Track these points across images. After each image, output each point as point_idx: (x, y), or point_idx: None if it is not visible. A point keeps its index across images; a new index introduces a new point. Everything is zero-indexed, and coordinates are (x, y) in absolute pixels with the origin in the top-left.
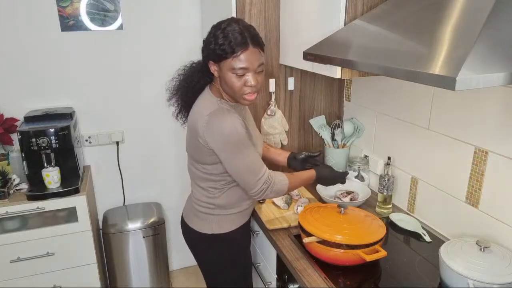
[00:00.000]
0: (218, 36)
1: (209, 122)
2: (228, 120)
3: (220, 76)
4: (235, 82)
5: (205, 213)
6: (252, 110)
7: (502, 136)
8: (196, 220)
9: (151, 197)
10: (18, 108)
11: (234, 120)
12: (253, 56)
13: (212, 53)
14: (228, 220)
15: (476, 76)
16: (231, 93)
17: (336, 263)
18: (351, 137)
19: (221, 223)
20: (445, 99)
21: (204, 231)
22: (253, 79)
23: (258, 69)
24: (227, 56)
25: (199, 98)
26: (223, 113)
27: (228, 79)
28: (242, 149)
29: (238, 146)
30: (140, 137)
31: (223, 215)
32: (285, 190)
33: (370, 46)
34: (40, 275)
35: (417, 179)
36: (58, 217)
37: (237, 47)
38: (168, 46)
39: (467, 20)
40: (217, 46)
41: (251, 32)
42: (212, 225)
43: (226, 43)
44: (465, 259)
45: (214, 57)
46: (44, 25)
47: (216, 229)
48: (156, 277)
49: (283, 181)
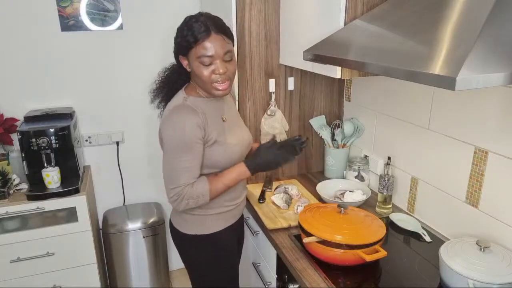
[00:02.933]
0: (183, 29)
1: (166, 116)
2: (182, 118)
3: (191, 69)
4: (203, 71)
5: (187, 213)
6: (252, 110)
7: (502, 136)
8: (180, 220)
9: (151, 197)
10: (18, 108)
11: (189, 120)
12: (217, 42)
13: (179, 46)
14: (210, 221)
15: (476, 76)
16: (202, 84)
17: (336, 263)
18: (351, 137)
19: (203, 224)
20: (445, 99)
21: (187, 232)
22: (221, 66)
23: (226, 57)
24: (191, 46)
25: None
26: (182, 110)
27: (196, 69)
28: (178, 152)
29: (176, 148)
30: (140, 137)
31: (205, 215)
32: (207, 199)
33: (370, 46)
34: (40, 275)
35: (417, 179)
36: (58, 217)
37: (199, 35)
38: (168, 46)
39: (467, 20)
40: (182, 38)
41: (215, 21)
42: (194, 226)
43: (189, 34)
44: (465, 259)
45: (181, 50)
46: (44, 25)
47: (198, 229)
48: (156, 277)
49: (201, 192)
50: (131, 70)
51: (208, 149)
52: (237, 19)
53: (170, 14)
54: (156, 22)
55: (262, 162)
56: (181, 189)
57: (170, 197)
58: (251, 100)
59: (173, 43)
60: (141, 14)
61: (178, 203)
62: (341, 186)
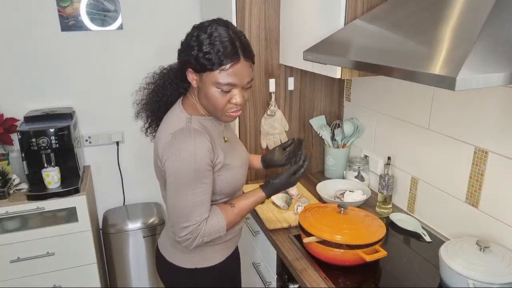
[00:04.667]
0: (202, 42)
1: (170, 143)
2: (190, 144)
3: (200, 88)
4: (218, 99)
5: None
6: (252, 110)
7: (502, 136)
8: (175, 252)
9: (151, 197)
10: (18, 108)
11: (199, 146)
12: (244, 70)
13: (194, 61)
14: (212, 252)
15: (476, 76)
16: (211, 110)
17: (336, 263)
18: (351, 137)
19: (204, 256)
20: (445, 99)
21: (184, 266)
22: (240, 96)
23: (247, 85)
24: (213, 68)
25: (169, 113)
26: (189, 135)
27: (210, 94)
28: (188, 185)
29: (186, 181)
30: (140, 137)
31: (208, 246)
32: (223, 232)
33: (370, 46)
34: (40, 275)
35: (417, 179)
36: (58, 217)
37: (226, 59)
38: (168, 46)
39: (467, 20)
40: (200, 54)
41: (242, 41)
42: (194, 258)
43: (213, 52)
44: (465, 259)
45: (195, 66)
46: (44, 25)
47: (198, 262)
48: (156, 277)
49: (218, 227)
50: (131, 70)
51: (216, 174)
52: (237, 19)
53: (170, 14)
54: (156, 22)
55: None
56: (195, 226)
57: (181, 235)
58: (251, 100)
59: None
60: (141, 14)
61: (191, 241)
62: (341, 186)
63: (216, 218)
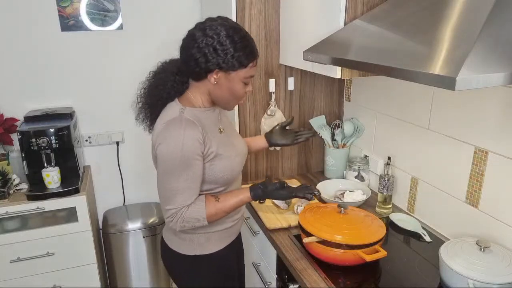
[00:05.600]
0: (236, 41)
1: (162, 130)
2: (180, 133)
3: (222, 84)
4: (241, 90)
5: (186, 233)
6: (252, 110)
7: (502, 136)
8: (177, 240)
9: (151, 197)
10: (18, 108)
11: (188, 133)
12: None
13: (228, 60)
14: (211, 239)
15: (476, 76)
16: (227, 100)
17: (336, 263)
18: (351, 137)
19: (203, 243)
20: (445, 99)
21: (186, 253)
22: (251, 84)
23: None
24: (249, 63)
25: (166, 107)
26: (180, 124)
27: (236, 88)
28: (174, 171)
29: (173, 166)
30: (140, 137)
31: (206, 234)
32: (204, 224)
33: (370, 46)
34: (40, 275)
35: (417, 179)
36: (58, 217)
37: (256, 54)
38: (168, 46)
39: (467, 20)
40: (237, 51)
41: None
42: (194, 246)
43: (248, 49)
44: (465, 259)
45: (229, 65)
46: (44, 25)
47: (198, 250)
48: (156, 277)
49: (198, 216)
50: (131, 70)
51: (209, 163)
52: (237, 19)
53: (170, 14)
54: (156, 22)
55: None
56: (176, 210)
57: (166, 217)
58: (251, 100)
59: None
60: (141, 14)
61: (174, 223)
62: (341, 186)
63: (198, 207)
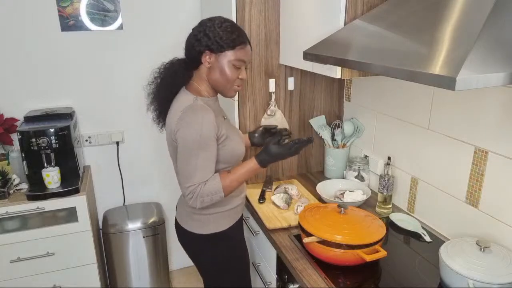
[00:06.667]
0: (226, 27)
1: (181, 117)
2: (198, 117)
3: (214, 67)
4: (231, 73)
5: (201, 214)
6: (252, 110)
7: (502, 136)
8: (192, 222)
9: (151, 197)
10: (18, 108)
11: (205, 118)
12: (248, 52)
13: (215, 42)
14: (223, 217)
15: (476, 76)
16: (223, 84)
17: (336, 263)
18: (351, 137)
19: (217, 222)
20: (445, 99)
21: (201, 232)
22: (245, 72)
23: (248, 65)
24: (235, 45)
25: (175, 100)
26: (196, 109)
27: (225, 69)
28: (194, 150)
29: (192, 146)
30: (140, 137)
31: (219, 213)
32: (222, 195)
33: (370, 46)
34: (40, 275)
35: (417, 179)
36: (58, 217)
37: (243, 39)
38: (168, 46)
39: (467, 20)
40: (225, 34)
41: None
42: (209, 225)
43: (236, 33)
44: (465, 259)
45: (216, 46)
46: (44, 25)
47: (213, 228)
48: (156, 277)
49: (215, 189)
50: (131, 70)
51: (221, 145)
52: (237, 19)
53: (170, 14)
54: (156, 22)
55: (272, 158)
56: (195, 187)
57: (185, 195)
58: (251, 100)
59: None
60: (141, 14)
61: (193, 201)
62: (341, 186)
63: (214, 181)
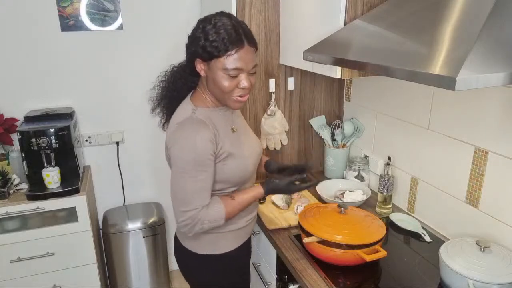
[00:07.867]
0: (208, 32)
1: (175, 131)
2: (192, 134)
3: (209, 76)
4: (226, 83)
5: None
6: (252, 110)
7: (502, 136)
8: (189, 238)
9: (151, 197)
10: (18, 108)
11: (200, 135)
12: (248, 56)
13: (201, 50)
14: (223, 239)
15: (476, 76)
16: (220, 95)
17: (336, 263)
18: (351, 137)
19: (215, 243)
20: (445, 99)
21: (195, 251)
22: (247, 80)
23: (252, 70)
24: (220, 54)
25: (178, 108)
26: (192, 124)
27: (218, 79)
28: (190, 171)
29: (187, 167)
30: (140, 137)
31: (218, 234)
32: (222, 223)
33: (370, 46)
34: (40, 275)
35: (417, 179)
36: (58, 217)
37: (231, 45)
38: (168, 46)
39: (467, 20)
40: (207, 43)
41: (244, 28)
42: (205, 245)
43: (218, 40)
44: (465, 259)
45: (203, 55)
46: (44, 25)
47: (209, 249)
48: (156, 277)
49: (218, 216)
50: (131, 70)
51: (221, 163)
52: None
53: (170, 14)
54: (156, 22)
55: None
56: (195, 212)
57: (181, 220)
58: (251, 100)
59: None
60: (141, 14)
61: (191, 227)
62: (341, 186)
63: (216, 207)
